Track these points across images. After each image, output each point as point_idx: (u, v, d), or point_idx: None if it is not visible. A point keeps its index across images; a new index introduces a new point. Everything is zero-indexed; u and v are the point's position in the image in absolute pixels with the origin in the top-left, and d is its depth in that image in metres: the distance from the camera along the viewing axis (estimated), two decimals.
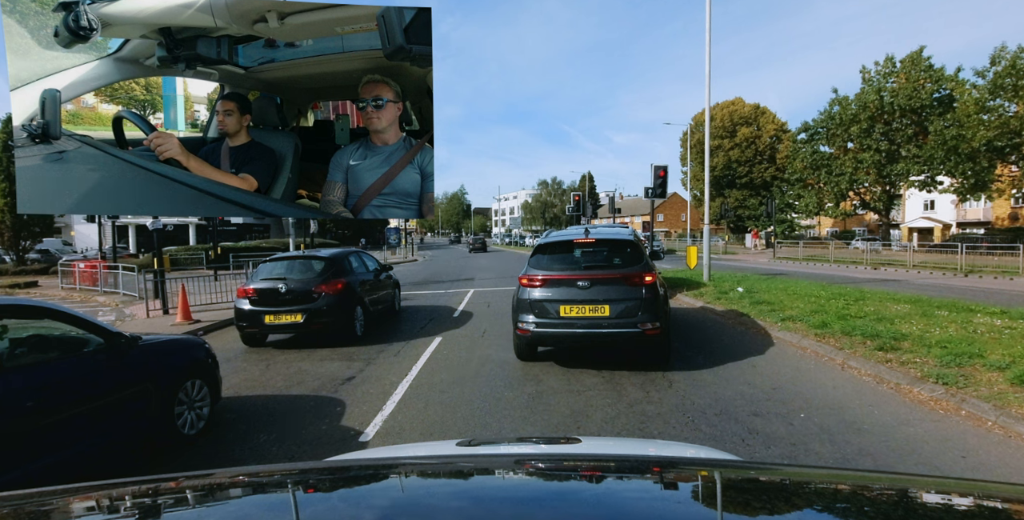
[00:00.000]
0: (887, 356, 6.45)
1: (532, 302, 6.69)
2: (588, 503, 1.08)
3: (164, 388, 4.55)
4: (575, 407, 5.35)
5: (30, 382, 3.47)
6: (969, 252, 22.81)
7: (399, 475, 1.35)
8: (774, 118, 50.32)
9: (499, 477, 1.29)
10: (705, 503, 1.11)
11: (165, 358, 4.73)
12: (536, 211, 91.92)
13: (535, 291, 6.71)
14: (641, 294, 6.42)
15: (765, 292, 12.05)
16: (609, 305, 6.42)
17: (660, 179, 19.72)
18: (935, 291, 14.12)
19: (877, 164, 30.02)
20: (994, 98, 25.81)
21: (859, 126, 30.64)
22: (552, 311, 6.57)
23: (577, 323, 6.48)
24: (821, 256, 30.11)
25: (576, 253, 7.15)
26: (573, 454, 1.78)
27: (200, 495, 1.20)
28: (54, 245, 38.92)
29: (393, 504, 1.08)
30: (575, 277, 6.60)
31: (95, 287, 20.10)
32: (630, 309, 6.38)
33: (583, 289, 6.51)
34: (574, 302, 6.51)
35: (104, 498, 1.16)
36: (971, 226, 46.01)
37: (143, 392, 4.34)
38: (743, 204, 49.83)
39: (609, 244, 7.09)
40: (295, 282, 8.88)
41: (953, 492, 1.14)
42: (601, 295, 6.46)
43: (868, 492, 1.16)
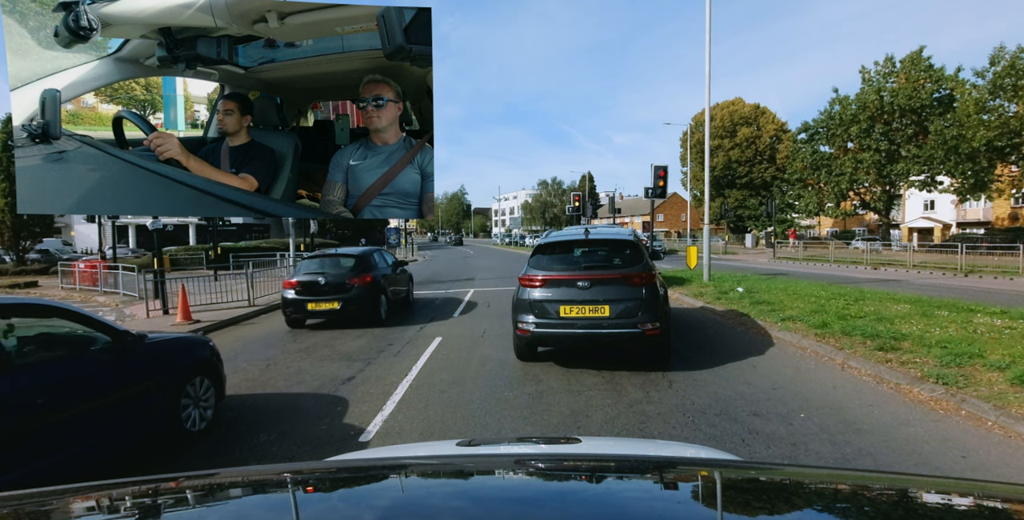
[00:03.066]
0: (887, 356, 6.45)
1: (532, 302, 6.71)
2: (588, 503, 1.08)
3: (170, 385, 4.62)
4: (575, 407, 5.36)
5: (39, 380, 3.52)
6: (969, 252, 22.81)
7: (399, 475, 1.35)
8: (774, 118, 50.33)
9: (499, 477, 1.30)
10: (705, 503, 1.11)
11: (171, 356, 4.83)
12: (536, 211, 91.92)
13: (535, 291, 6.73)
14: (641, 294, 6.44)
15: (765, 292, 12.06)
16: (609, 305, 6.43)
17: (660, 179, 19.72)
18: (935, 291, 14.13)
19: (877, 164, 29.97)
20: (994, 98, 25.80)
21: (859, 126, 30.59)
22: (552, 311, 6.59)
23: (577, 323, 6.50)
24: (821, 256, 30.10)
25: (576, 253, 7.20)
26: (573, 454, 1.79)
27: (200, 495, 1.20)
28: (54, 245, 38.91)
29: (393, 504, 1.08)
30: (575, 277, 6.61)
31: (95, 287, 20.12)
32: (630, 309, 6.40)
33: (583, 289, 6.52)
34: (574, 302, 6.53)
35: (104, 498, 1.16)
36: (971, 226, 46.02)
37: (149, 389, 4.40)
38: (743, 204, 49.85)
39: (609, 244, 7.15)
40: (332, 276, 10.69)
41: (953, 492, 1.14)
42: (601, 295, 6.47)
43: (868, 492, 1.16)
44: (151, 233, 14.78)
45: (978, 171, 26.91)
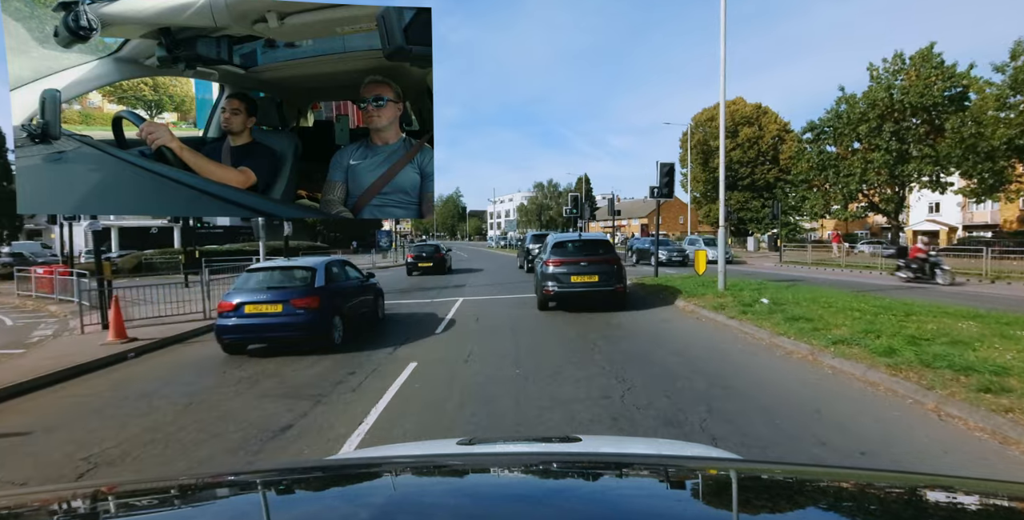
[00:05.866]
0: (999, 401, 4.79)
1: (553, 274, 11.48)
2: (588, 502, 1.06)
3: (375, 297, 11.24)
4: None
5: (351, 285, 10.01)
6: (993, 257, 21.21)
7: (399, 474, 1.34)
8: (776, 118, 48.61)
9: (499, 476, 1.30)
10: (705, 502, 1.09)
11: (375, 288, 11.30)
12: (532, 213, 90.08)
13: (555, 268, 11.51)
14: (614, 269, 11.59)
15: (794, 304, 10.40)
16: (598, 275, 11.43)
17: (667, 177, 18.05)
18: (976, 301, 12.47)
19: (888, 164, 28.24)
20: (1015, 94, 24.27)
21: (868, 125, 28.85)
22: (565, 280, 11.43)
23: (579, 286, 11.41)
24: (830, 260, 28.47)
25: (576, 246, 12.16)
26: (573, 453, 1.74)
27: (199, 495, 1.21)
28: (30, 248, 36.94)
29: (393, 502, 1.07)
30: (578, 260, 11.61)
31: (52, 294, 18.31)
32: (609, 278, 11.45)
33: (583, 267, 11.54)
34: (579, 274, 11.47)
35: (104, 498, 1.17)
36: (978, 229, 44.56)
37: (371, 296, 10.96)
38: (744, 206, 47.92)
39: (594, 242, 12.52)
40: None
41: (956, 490, 1.12)
42: (593, 270, 11.48)
43: (870, 490, 1.14)
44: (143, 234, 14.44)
45: (998, 171, 25.35)
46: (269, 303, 8.27)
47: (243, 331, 8.23)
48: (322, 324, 8.38)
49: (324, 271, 8.95)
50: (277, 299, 8.31)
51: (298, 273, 8.91)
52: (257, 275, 8.90)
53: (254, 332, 8.27)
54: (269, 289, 8.58)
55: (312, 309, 8.26)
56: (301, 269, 8.97)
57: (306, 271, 8.87)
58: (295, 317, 8.17)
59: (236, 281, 9.14)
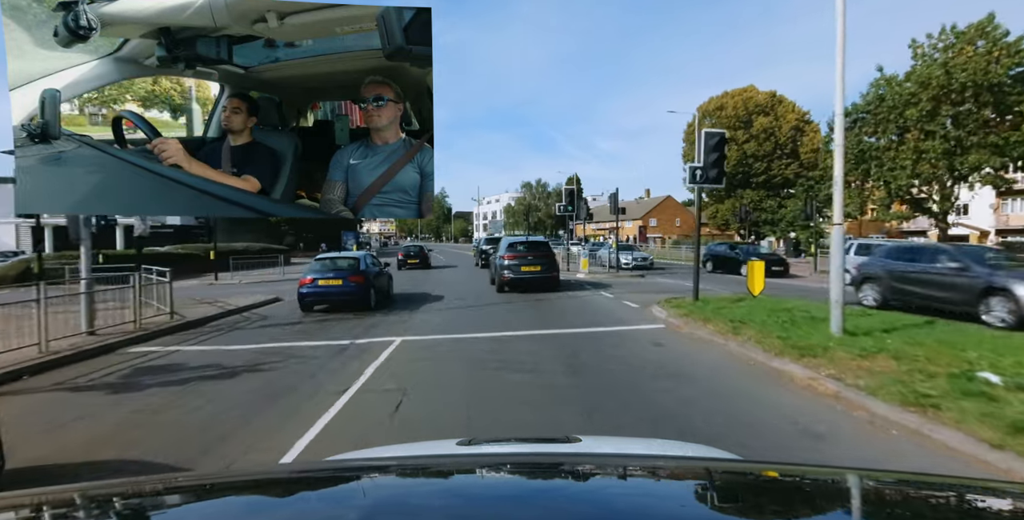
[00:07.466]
0: None
1: (508, 266, 17.81)
2: (588, 502, 1.07)
3: (388, 279, 17.38)
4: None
5: (376, 270, 15.88)
6: None
7: (398, 474, 1.36)
8: (794, 107, 45.73)
9: (499, 476, 1.31)
10: (705, 502, 1.10)
11: (387, 274, 17.34)
12: (519, 214, 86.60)
13: (509, 261, 17.95)
14: (552, 262, 18.44)
15: (993, 362, 6.43)
16: (540, 266, 17.86)
17: (715, 153, 13.33)
18: None
19: (948, 154, 25.09)
20: None
21: (918, 109, 25.83)
22: (516, 269, 17.75)
23: (527, 274, 17.73)
24: None
25: (525, 245, 18.81)
26: (573, 453, 1.77)
27: (198, 495, 1.21)
28: None
29: (393, 503, 1.08)
30: (526, 255, 18.17)
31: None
32: (547, 267, 18.04)
33: (530, 260, 17.95)
34: (527, 265, 17.82)
35: (104, 498, 1.18)
36: (1013, 233, 42.23)
37: (386, 278, 17.06)
38: (759, 206, 44.64)
39: (536, 242, 19.44)
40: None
41: (956, 490, 1.13)
42: (536, 262, 17.93)
43: (869, 490, 1.16)
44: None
45: None
46: (334, 278, 14.17)
47: (316, 296, 14.19)
48: (366, 293, 14.20)
49: (365, 260, 15.34)
50: (338, 276, 14.20)
51: (350, 261, 15.06)
52: (324, 261, 15.14)
53: (323, 296, 14.24)
54: (333, 270, 14.49)
55: (360, 283, 14.10)
56: (351, 259, 15.35)
57: (354, 260, 15.20)
58: (349, 287, 14.05)
59: (310, 265, 15.28)
